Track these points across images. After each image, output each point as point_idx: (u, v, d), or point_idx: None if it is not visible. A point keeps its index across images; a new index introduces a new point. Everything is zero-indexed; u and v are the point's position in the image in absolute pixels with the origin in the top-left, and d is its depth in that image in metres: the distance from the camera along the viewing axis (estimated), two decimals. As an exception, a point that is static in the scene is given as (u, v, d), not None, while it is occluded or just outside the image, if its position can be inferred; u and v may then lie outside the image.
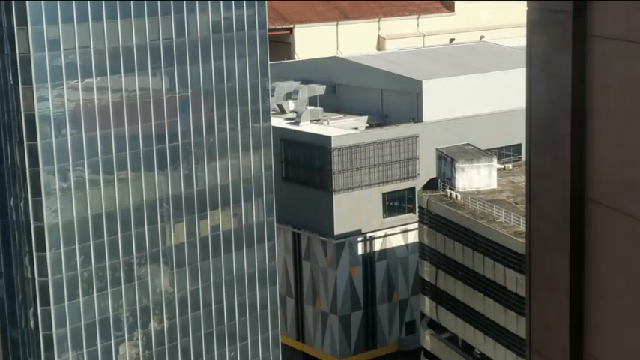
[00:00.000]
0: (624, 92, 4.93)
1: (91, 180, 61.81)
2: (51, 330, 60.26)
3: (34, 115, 59.12)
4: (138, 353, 64.71)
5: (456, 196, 72.52)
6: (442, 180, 74.95)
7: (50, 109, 59.71)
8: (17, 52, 58.45)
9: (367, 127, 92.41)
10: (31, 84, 58.73)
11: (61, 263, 60.38)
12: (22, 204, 60.18)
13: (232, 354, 69.66)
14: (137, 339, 64.62)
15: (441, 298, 74.61)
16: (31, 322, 60.63)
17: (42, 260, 59.96)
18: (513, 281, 63.44)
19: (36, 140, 59.26)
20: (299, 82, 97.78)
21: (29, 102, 58.95)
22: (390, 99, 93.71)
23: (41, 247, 59.92)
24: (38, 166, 59.53)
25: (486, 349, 68.71)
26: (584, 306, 5.49)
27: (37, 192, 59.73)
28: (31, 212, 59.85)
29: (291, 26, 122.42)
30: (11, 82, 59.07)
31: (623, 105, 4.95)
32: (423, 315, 79.43)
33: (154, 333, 65.30)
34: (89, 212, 61.58)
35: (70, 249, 60.74)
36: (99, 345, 62.24)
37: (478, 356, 70.33)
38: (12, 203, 60.63)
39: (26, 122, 59.09)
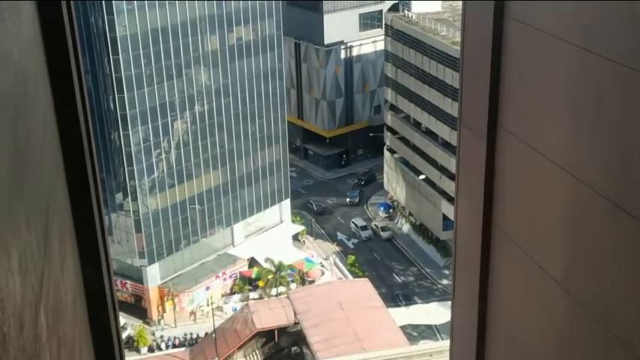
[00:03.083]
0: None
1: (149, 4, 60.19)
2: (125, 111, 60.42)
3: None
4: (187, 128, 65.22)
5: (412, 16, 71.14)
6: (402, 4, 73.29)
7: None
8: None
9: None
10: None
11: (130, 64, 59.77)
12: (99, 20, 58.86)
13: (253, 128, 70.26)
14: (186, 118, 64.94)
15: (399, 89, 74.69)
16: (111, 105, 60.72)
17: (116, 62, 59.32)
18: (450, 77, 63.37)
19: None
20: None
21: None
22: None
23: (115, 52, 59.09)
24: (110, -7, 57.84)
25: (429, 124, 69.44)
26: (499, 93, 5.47)
27: (110, 11, 58.32)
28: (107, 26, 58.63)
29: None
30: None
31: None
32: (386, 101, 79.75)
33: (198, 114, 65.58)
34: (149, 27, 60.35)
35: (135, 53, 59.92)
36: (159, 122, 62.64)
37: (424, 129, 71.11)
38: (92, 20, 59.27)
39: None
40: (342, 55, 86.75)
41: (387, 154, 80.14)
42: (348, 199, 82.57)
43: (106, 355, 5.91)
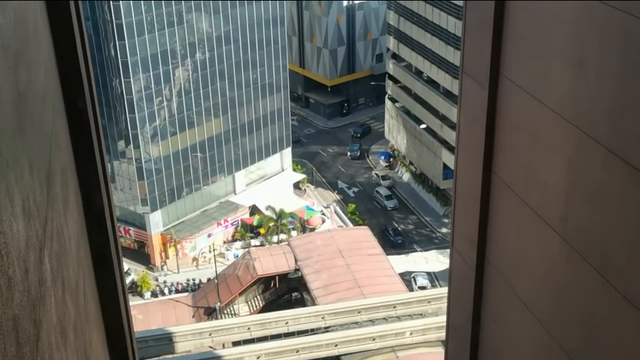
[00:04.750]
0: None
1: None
2: (126, 58, 59.94)
3: None
4: (188, 75, 64.80)
5: (415, -37, 70.00)
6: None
7: None
8: None
9: None
10: None
11: (130, 9, 59.03)
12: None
13: (254, 76, 69.80)
14: (187, 65, 64.46)
15: (401, 37, 73.99)
16: (112, 52, 60.22)
17: (117, 8, 58.57)
18: (453, 25, 62.72)
19: None
20: None
21: None
22: None
23: (116, -1, 58.31)
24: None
25: (431, 73, 68.97)
26: (502, 42, 5.40)
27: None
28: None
29: None
30: None
31: None
32: (388, 49, 79.06)
33: (199, 61, 65.08)
34: (149, -27, 59.47)
35: None
36: (161, 69, 62.20)
37: (425, 78, 70.63)
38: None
39: None
40: (344, 2, 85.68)
41: (388, 102, 79.80)
42: (348, 153, 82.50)
43: (110, 299, 5.98)
